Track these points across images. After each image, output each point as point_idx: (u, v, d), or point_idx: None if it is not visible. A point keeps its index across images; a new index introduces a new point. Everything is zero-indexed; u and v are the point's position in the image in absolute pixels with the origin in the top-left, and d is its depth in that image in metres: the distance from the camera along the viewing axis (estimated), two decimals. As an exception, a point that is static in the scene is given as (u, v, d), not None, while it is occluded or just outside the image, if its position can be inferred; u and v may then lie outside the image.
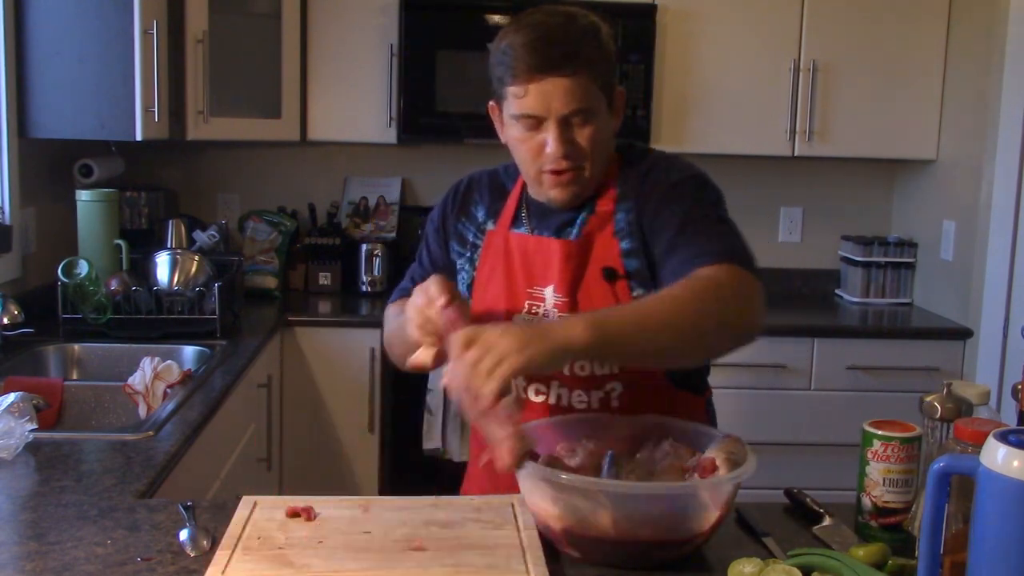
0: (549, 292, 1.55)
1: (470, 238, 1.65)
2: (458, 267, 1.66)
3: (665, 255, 1.46)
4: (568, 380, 1.54)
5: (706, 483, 1.30)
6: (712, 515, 1.29)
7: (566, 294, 1.53)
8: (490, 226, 1.64)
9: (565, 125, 1.48)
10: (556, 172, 1.51)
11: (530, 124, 1.49)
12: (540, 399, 1.56)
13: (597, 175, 1.55)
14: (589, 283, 1.53)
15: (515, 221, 1.62)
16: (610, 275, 1.52)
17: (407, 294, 1.52)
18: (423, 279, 1.47)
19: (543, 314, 1.54)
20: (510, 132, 1.54)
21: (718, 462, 1.32)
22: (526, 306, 1.56)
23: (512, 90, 1.48)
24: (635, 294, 1.51)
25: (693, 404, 1.63)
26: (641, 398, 1.53)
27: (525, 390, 1.56)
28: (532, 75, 1.45)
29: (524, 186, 1.63)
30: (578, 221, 1.57)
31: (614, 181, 1.57)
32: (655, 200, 1.50)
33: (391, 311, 1.68)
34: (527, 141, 1.51)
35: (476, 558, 1.26)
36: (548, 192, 1.54)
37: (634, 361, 1.39)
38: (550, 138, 1.48)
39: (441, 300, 1.33)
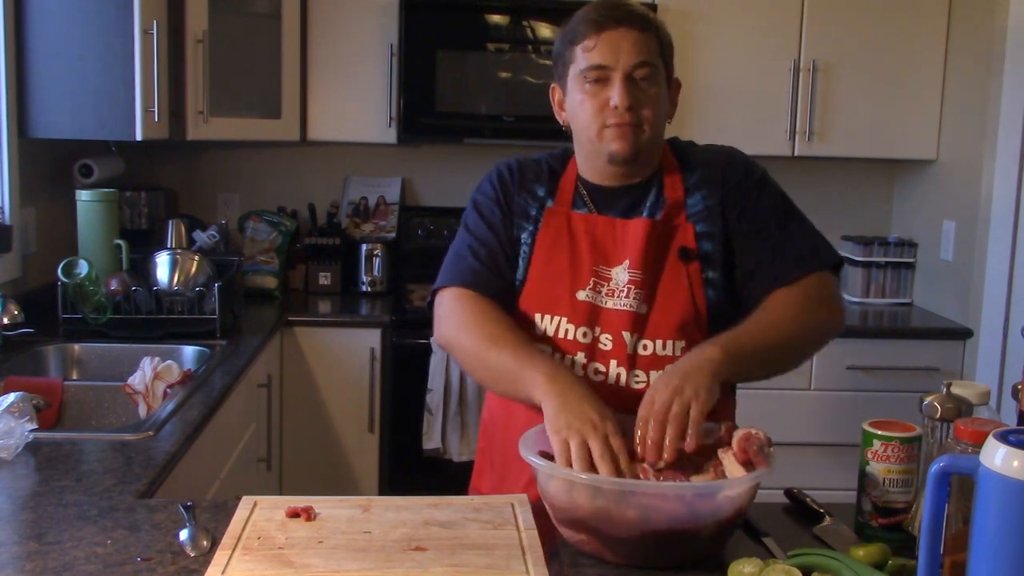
0: (618, 270, 1.58)
1: (532, 213, 1.65)
2: (521, 241, 1.64)
3: (765, 261, 1.58)
4: (626, 361, 1.56)
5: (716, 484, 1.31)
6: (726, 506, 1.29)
7: (642, 270, 1.56)
8: (549, 203, 1.65)
9: (630, 80, 1.52)
10: (618, 125, 1.54)
11: (596, 77, 1.53)
12: (599, 379, 1.56)
13: (654, 139, 1.58)
14: (666, 262, 1.58)
15: (574, 202, 1.64)
16: (685, 255, 1.58)
17: (475, 276, 1.60)
18: (489, 256, 1.61)
19: (608, 291, 1.57)
20: (573, 97, 1.58)
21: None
22: (591, 283, 1.58)
23: (582, 45, 1.54)
24: (705, 276, 1.58)
25: (726, 402, 1.66)
26: None
27: (584, 368, 1.57)
28: (603, 25, 1.53)
29: (577, 171, 1.66)
30: (647, 204, 1.61)
31: (675, 169, 1.62)
32: (743, 197, 1.60)
33: (471, 305, 1.59)
34: (591, 98, 1.55)
35: (476, 558, 1.26)
36: (609, 146, 1.56)
37: (751, 379, 1.52)
38: (616, 90, 1.52)
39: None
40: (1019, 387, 1.42)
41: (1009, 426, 1.12)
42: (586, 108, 1.55)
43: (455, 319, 1.60)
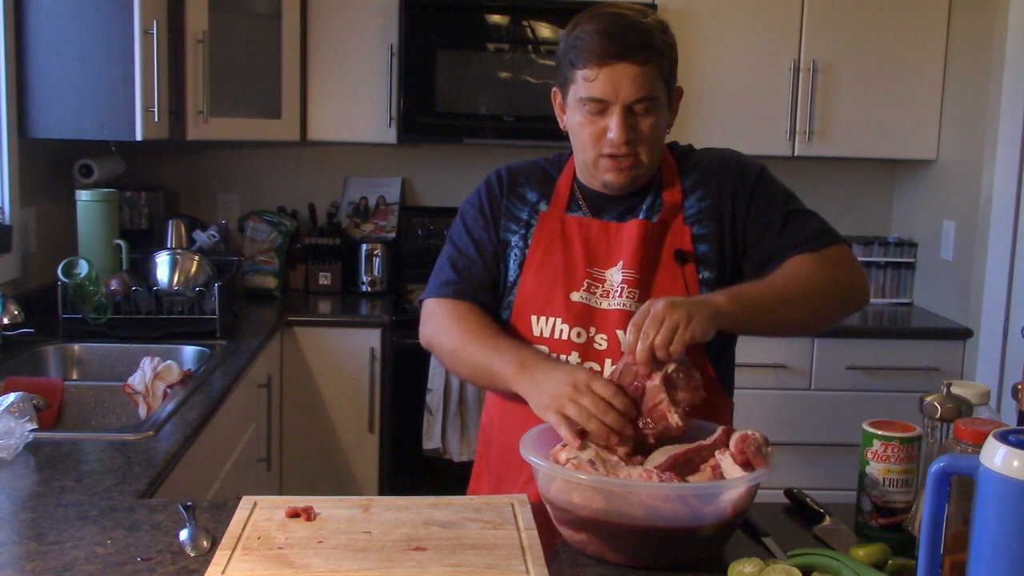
0: (613, 272, 1.59)
1: (524, 216, 1.67)
2: (512, 242, 1.66)
3: (777, 242, 1.59)
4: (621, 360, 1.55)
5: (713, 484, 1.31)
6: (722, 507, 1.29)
7: (637, 270, 1.57)
8: (543, 207, 1.66)
9: (629, 112, 1.53)
10: (614, 157, 1.55)
11: (595, 108, 1.54)
12: None
13: (652, 164, 1.59)
14: (660, 263, 1.59)
15: (570, 205, 1.65)
16: (681, 257, 1.59)
17: (453, 287, 1.63)
18: (467, 268, 1.63)
19: (602, 292, 1.58)
20: (572, 116, 1.59)
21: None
22: (585, 284, 1.59)
23: (583, 73, 1.53)
24: (701, 276, 1.59)
25: (726, 405, 1.68)
26: None
27: (579, 366, 1.56)
28: (605, 59, 1.51)
29: (574, 174, 1.67)
30: (643, 207, 1.62)
31: (674, 174, 1.64)
32: (746, 194, 1.61)
33: (449, 308, 1.64)
34: (590, 125, 1.55)
35: (475, 558, 1.26)
36: (604, 176, 1.58)
37: (766, 331, 1.52)
38: (614, 123, 1.53)
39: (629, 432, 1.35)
40: (1019, 387, 1.42)
41: (1009, 426, 1.12)
42: (584, 133, 1.57)
43: (434, 321, 1.66)
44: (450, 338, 1.62)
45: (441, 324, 1.65)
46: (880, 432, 1.41)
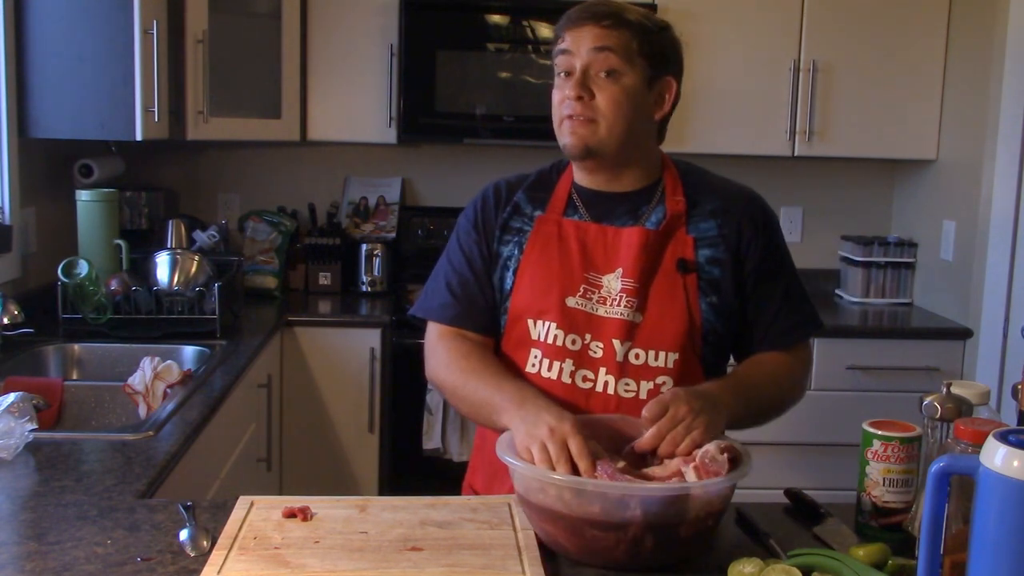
0: (610, 278, 1.57)
1: (518, 226, 1.65)
2: (506, 254, 1.64)
3: (773, 317, 1.64)
4: (616, 369, 1.55)
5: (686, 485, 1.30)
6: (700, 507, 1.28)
7: (636, 279, 1.56)
8: (539, 214, 1.65)
9: (586, 74, 1.53)
10: (570, 117, 1.55)
11: (563, 64, 1.55)
12: (587, 386, 1.56)
13: (613, 138, 1.55)
14: (660, 272, 1.58)
15: (567, 209, 1.64)
16: (684, 267, 1.58)
17: (452, 312, 1.63)
18: (461, 286, 1.62)
19: (599, 299, 1.57)
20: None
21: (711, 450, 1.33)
22: (581, 290, 1.58)
23: (558, 46, 1.56)
24: (703, 293, 1.58)
25: None
26: None
27: (572, 376, 1.56)
28: (572, 24, 1.54)
29: (572, 178, 1.66)
30: (647, 215, 1.60)
31: (677, 184, 1.63)
32: (762, 240, 1.62)
33: (450, 344, 1.64)
34: (559, 91, 1.57)
35: (472, 558, 1.26)
36: (563, 139, 1.58)
37: (733, 426, 1.54)
38: (571, 80, 1.54)
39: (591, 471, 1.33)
40: (1019, 387, 1.42)
41: (1009, 426, 1.12)
42: (555, 100, 1.58)
43: (436, 357, 1.65)
44: (452, 376, 1.61)
45: (441, 360, 1.63)
46: (880, 432, 1.41)
